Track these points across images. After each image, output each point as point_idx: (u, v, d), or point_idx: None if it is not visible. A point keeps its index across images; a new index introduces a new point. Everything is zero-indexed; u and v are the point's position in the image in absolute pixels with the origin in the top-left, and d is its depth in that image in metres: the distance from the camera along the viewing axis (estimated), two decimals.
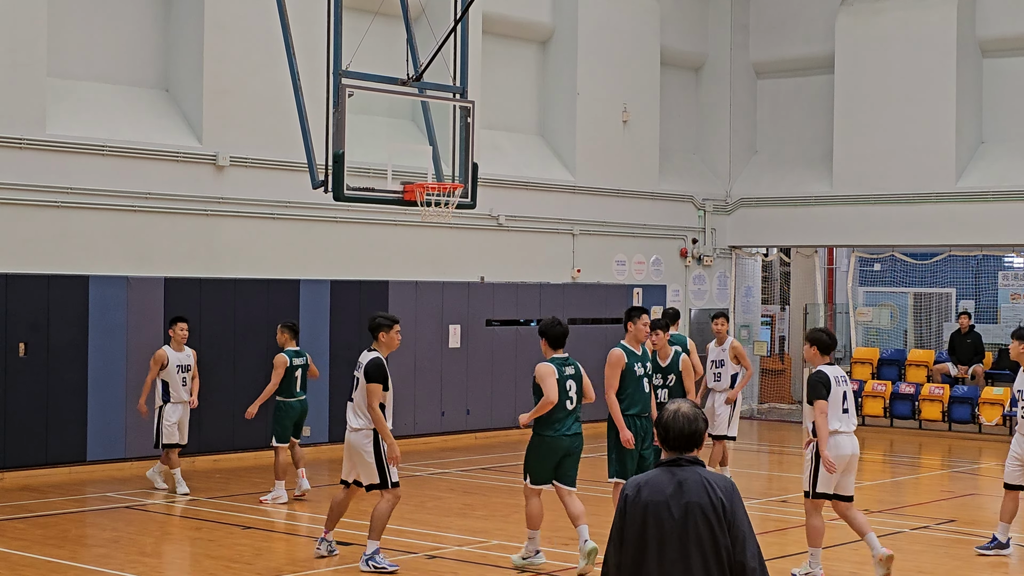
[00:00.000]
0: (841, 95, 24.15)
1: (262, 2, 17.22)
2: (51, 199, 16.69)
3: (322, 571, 11.45)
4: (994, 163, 23.11)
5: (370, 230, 19.79)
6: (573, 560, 11.36)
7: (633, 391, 12.31)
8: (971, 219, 22.99)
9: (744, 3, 25.86)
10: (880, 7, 23.88)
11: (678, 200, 24.81)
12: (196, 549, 12.45)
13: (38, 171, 16.58)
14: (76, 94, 17.42)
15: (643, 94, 24.00)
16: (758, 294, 26.91)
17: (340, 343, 19.24)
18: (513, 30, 22.54)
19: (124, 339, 17.10)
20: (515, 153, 22.38)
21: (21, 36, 16.43)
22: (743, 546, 5.24)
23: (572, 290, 22.68)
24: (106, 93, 17.77)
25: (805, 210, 24.74)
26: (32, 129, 16.54)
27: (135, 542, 12.95)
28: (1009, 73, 23.35)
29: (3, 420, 16.00)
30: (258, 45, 18.06)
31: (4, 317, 16.19)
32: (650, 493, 5.27)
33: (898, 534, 13.39)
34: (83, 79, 17.62)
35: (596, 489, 14.31)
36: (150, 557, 12.27)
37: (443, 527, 13.40)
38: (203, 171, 18.07)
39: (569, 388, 11.39)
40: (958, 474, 18.46)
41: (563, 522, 12.02)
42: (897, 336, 26.34)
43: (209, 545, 12.58)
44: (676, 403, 5.43)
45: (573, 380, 11.42)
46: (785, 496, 15.75)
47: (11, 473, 15.97)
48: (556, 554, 11.91)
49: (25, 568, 11.41)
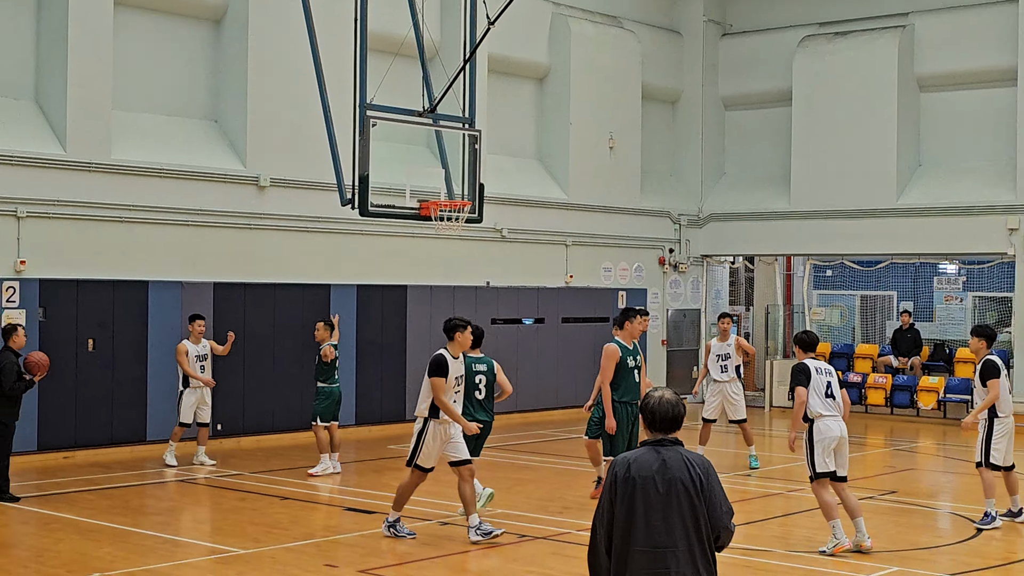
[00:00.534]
0: (798, 124, 24.16)
1: (298, 45, 17.22)
2: (116, 215, 16.69)
3: (349, 536, 11.42)
4: (930, 183, 23.11)
5: (391, 241, 19.78)
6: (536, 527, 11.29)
7: (626, 381, 12.40)
8: (910, 232, 22.99)
9: (714, 45, 25.86)
10: (832, 48, 23.89)
11: (657, 215, 24.80)
12: (241, 517, 12.44)
13: (105, 191, 16.59)
14: (137, 124, 17.42)
15: (626, 124, 24.01)
16: (726, 296, 26.89)
17: (365, 340, 19.27)
18: (514, 69, 22.54)
19: (179, 336, 17.07)
20: (516, 175, 22.37)
21: (90, 74, 16.45)
22: (719, 512, 5.24)
23: (565, 293, 22.67)
24: (163, 123, 17.77)
25: (766, 224, 24.74)
26: (100, 154, 16.55)
27: (188, 511, 12.96)
28: (942, 105, 23.35)
29: (74, 405, 16.03)
30: (294, 82, 18.06)
31: (75, 317, 16.21)
32: (638, 469, 5.25)
33: None
34: (143, 111, 17.63)
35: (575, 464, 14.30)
36: (201, 523, 12.28)
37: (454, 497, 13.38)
38: (246, 191, 18.07)
39: (479, 382, 12.08)
40: (899, 452, 18.45)
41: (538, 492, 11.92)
42: (846, 332, 26.33)
43: (252, 513, 12.57)
44: (660, 391, 5.41)
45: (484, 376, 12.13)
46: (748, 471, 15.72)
47: (81, 451, 15.98)
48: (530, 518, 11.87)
49: (93, 533, 11.42)
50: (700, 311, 25.88)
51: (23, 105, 16.44)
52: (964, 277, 25.63)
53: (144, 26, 17.58)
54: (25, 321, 15.79)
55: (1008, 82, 22.21)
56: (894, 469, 16.57)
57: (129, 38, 17.30)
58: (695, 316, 25.82)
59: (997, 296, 24.99)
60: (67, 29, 16.24)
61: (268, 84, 18.22)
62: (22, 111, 16.36)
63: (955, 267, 25.61)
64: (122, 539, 11.21)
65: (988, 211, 22.12)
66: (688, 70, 25.79)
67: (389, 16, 17.87)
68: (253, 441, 17.68)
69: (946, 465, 17.27)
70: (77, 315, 16.24)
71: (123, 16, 17.15)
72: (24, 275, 15.85)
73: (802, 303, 26.32)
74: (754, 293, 27.55)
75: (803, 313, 26.19)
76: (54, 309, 16.08)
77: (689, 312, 25.68)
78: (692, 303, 25.72)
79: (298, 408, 16.26)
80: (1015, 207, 21.80)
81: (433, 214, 15.71)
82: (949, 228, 22.52)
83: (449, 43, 19.83)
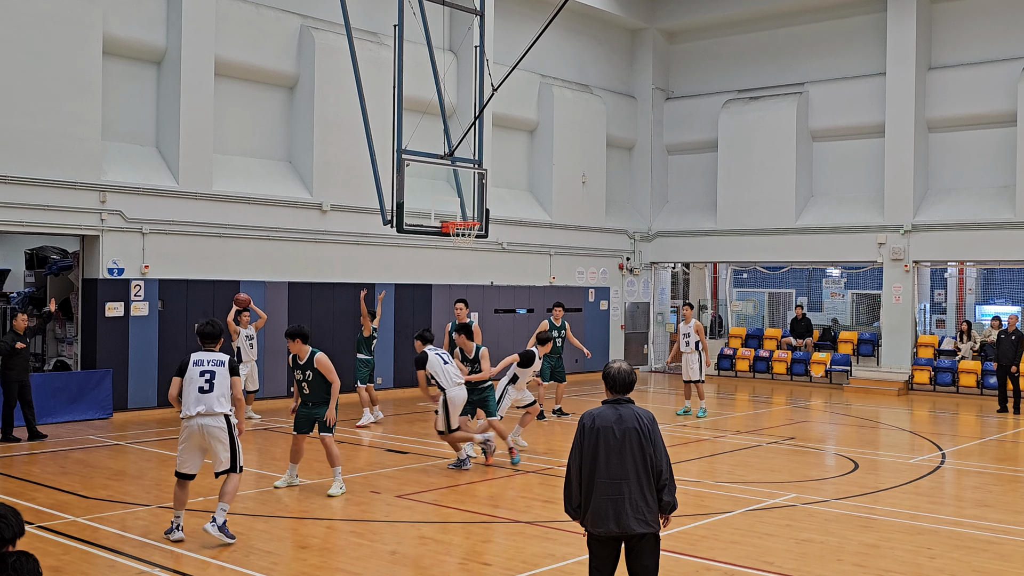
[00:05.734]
0: (722, 166, 24.16)
1: (351, 105, 17.21)
2: (215, 232, 16.67)
3: (389, 470, 11.37)
4: (820, 209, 23.11)
5: (420, 251, 19.77)
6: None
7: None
8: (805, 245, 23.00)
9: (660, 106, 25.85)
10: (747, 109, 23.89)
11: (617, 232, 24.78)
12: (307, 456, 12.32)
13: (207, 214, 16.58)
14: (232, 164, 17.41)
15: (595, 165, 24.00)
16: (669, 293, 26.89)
17: (401, 324, 19.29)
18: (512, 123, 22.53)
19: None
20: (513, 202, 22.36)
21: (197, 126, 16.44)
22: (659, 456, 5.22)
23: (549, 290, 22.66)
24: (251, 163, 17.76)
25: (699, 239, 24.73)
26: (204, 186, 16.54)
27: (264, 451, 12.93)
28: (829, 151, 23.37)
29: None
30: (348, 133, 18.05)
31: (185, 308, 16.20)
32: (600, 421, 5.24)
33: (758, 447, 13.38)
34: (237, 154, 17.61)
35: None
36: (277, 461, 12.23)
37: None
38: (312, 214, 18.05)
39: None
40: (797, 408, 18.45)
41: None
42: (758, 320, 26.33)
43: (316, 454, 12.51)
44: (618, 363, 5.39)
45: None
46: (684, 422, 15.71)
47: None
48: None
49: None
50: (649, 303, 25.87)
51: (147, 150, 16.43)
52: (845, 279, 25.65)
53: (237, 91, 17.56)
54: (148, 311, 15.79)
55: (878, 134, 22.23)
56: (792, 421, 16.57)
57: (226, 100, 17.29)
58: (646, 307, 25.82)
59: (870, 293, 25.01)
60: (180, 93, 16.24)
61: (329, 134, 18.21)
62: (146, 155, 16.34)
63: (838, 271, 25.62)
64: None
65: (863, 230, 22.12)
66: (640, 125, 25.78)
67: (419, 84, 17.90)
68: None
69: (831, 418, 17.27)
70: (186, 306, 16.22)
71: (222, 84, 17.14)
72: (147, 276, 15.83)
73: (725, 298, 26.31)
74: (690, 291, 27.53)
75: (726, 305, 26.19)
76: (170, 302, 16.06)
77: (641, 304, 25.68)
78: (643, 298, 25.71)
79: (349, 376, 16.22)
80: (883, 227, 21.82)
81: (451, 232, 15.71)
82: (834, 242, 22.53)
83: (463, 104, 19.83)
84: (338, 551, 7.79)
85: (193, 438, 7.98)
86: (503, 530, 8.57)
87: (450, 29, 20.08)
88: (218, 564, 7.31)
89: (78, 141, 15.01)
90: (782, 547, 7.98)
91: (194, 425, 7.94)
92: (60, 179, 14.86)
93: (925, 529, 8.72)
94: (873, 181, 22.42)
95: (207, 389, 7.93)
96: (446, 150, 16.24)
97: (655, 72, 25.49)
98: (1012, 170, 20.55)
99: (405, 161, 14.84)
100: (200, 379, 7.96)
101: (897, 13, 21.57)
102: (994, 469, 12.01)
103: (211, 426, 7.93)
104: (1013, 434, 15.25)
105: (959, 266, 23.00)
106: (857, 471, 11.63)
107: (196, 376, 7.97)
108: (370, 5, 19.22)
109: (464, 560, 7.52)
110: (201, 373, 7.98)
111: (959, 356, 21.03)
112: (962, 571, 7.41)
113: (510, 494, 10.22)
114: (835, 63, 23.10)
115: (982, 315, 23.30)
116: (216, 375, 7.99)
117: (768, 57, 24.12)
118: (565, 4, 13.04)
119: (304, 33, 18.08)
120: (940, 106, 21.52)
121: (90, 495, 9.77)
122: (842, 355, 22.38)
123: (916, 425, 16.22)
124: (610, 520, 5.09)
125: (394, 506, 9.48)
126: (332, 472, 10.14)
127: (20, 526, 3.69)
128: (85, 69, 15.04)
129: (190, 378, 7.98)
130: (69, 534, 8.17)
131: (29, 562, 3.56)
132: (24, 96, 14.47)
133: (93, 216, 15.26)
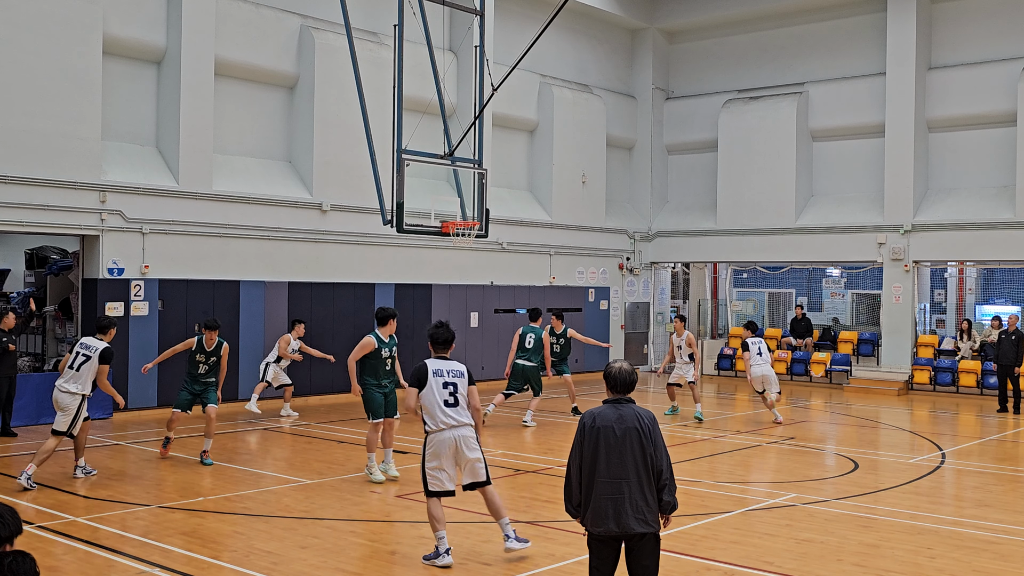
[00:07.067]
0: (722, 166, 24.15)
1: (351, 105, 17.20)
2: (215, 231, 16.67)
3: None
4: (820, 209, 23.11)
5: (420, 251, 19.76)
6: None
7: (380, 368, 10.78)
8: (805, 245, 22.99)
9: (660, 106, 25.85)
10: (747, 109, 23.89)
11: (617, 232, 24.78)
12: (308, 456, 12.41)
13: (207, 213, 16.57)
14: (232, 164, 17.40)
15: (595, 165, 23.99)
16: (669, 292, 26.88)
17: (401, 323, 19.19)
18: (512, 123, 22.52)
19: (263, 322, 17.08)
20: (513, 202, 22.35)
21: (197, 126, 16.44)
22: (660, 455, 5.21)
23: (549, 290, 22.65)
24: (251, 163, 17.75)
25: (699, 239, 24.73)
26: (203, 186, 16.54)
27: (269, 451, 12.92)
28: (829, 151, 23.37)
29: (184, 373, 15.97)
30: (348, 133, 18.05)
31: (185, 307, 16.19)
32: (601, 420, 5.23)
33: (757, 446, 13.37)
34: (236, 154, 17.61)
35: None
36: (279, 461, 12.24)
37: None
38: (312, 214, 18.04)
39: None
40: (796, 408, 18.44)
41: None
42: (757, 320, 26.32)
43: (316, 452, 12.55)
44: (619, 363, 5.38)
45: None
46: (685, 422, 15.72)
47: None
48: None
49: (198, 467, 11.40)
50: (649, 303, 25.86)
51: (147, 150, 16.42)
52: (845, 279, 25.64)
53: (237, 91, 17.56)
54: (148, 311, 15.78)
55: (878, 134, 22.23)
56: (792, 421, 16.56)
57: (226, 100, 17.29)
58: (646, 307, 25.81)
59: (870, 293, 24.99)
60: (180, 93, 16.24)
61: (329, 134, 18.20)
62: (146, 155, 16.34)
63: (838, 271, 25.61)
64: (219, 472, 11.18)
65: (862, 230, 22.12)
66: (640, 125, 25.77)
67: (419, 84, 17.88)
68: (318, 400, 17.67)
69: (831, 418, 17.26)
70: (186, 306, 16.21)
71: (222, 84, 17.14)
72: (147, 276, 15.83)
73: (725, 298, 26.31)
74: (690, 290, 27.53)
75: (726, 305, 26.19)
76: (169, 301, 16.06)
77: (641, 304, 25.67)
78: (643, 298, 25.70)
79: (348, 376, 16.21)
80: (882, 227, 21.81)
81: (451, 231, 15.69)
82: (834, 242, 22.53)
83: (463, 104, 19.83)
84: (338, 551, 7.79)
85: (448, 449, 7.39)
86: None
87: (450, 29, 20.07)
88: (218, 564, 7.30)
89: (78, 141, 15.01)
90: (782, 547, 7.97)
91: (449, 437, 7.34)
92: (60, 179, 14.85)
93: (925, 529, 8.71)
94: (873, 181, 22.41)
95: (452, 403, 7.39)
96: (446, 150, 16.23)
97: (655, 72, 25.48)
98: (1012, 170, 20.56)
99: (405, 161, 14.82)
100: (444, 391, 7.39)
101: (897, 13, 21.57)
102: (994, 469, 12.01)
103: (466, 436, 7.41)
104: (1013, 434, 15.25)
105: (959, 266, 23.00)
106: (857, 471, 11.62)
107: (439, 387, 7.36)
108: (370, 5, 19.21)
109: (464, 560, 7.51)
110: (444, 385, 7.40)
111: (959, 356, 21.03)
112: (962, 571, 7.40)
113: (510, 494, 10.21)
114: (835, 63, 23.09)
115: (982, 315, 23.30)
116: (458, 387, 7.44)
117: (768, 57, 24.12)
118: (565, 4, 13.03)
119: (304, 33, 18.07)
120: (940, 106, 21.52)
121: (90, 495, 9.77)
122: (842, 355, 22.37)
123: (916, 425, 16.22)
124: (610, 520, 5.09)
125: (394, 506, 9.46)
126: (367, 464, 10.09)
127: (17, 525, 3.68)
128: (85, 69, 15.04)
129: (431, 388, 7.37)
130: (69, 534, 8.16)
131: (26, 562, 3.54)
132: (24, 96, 14.46)
133: (93, 216, 15.25)
